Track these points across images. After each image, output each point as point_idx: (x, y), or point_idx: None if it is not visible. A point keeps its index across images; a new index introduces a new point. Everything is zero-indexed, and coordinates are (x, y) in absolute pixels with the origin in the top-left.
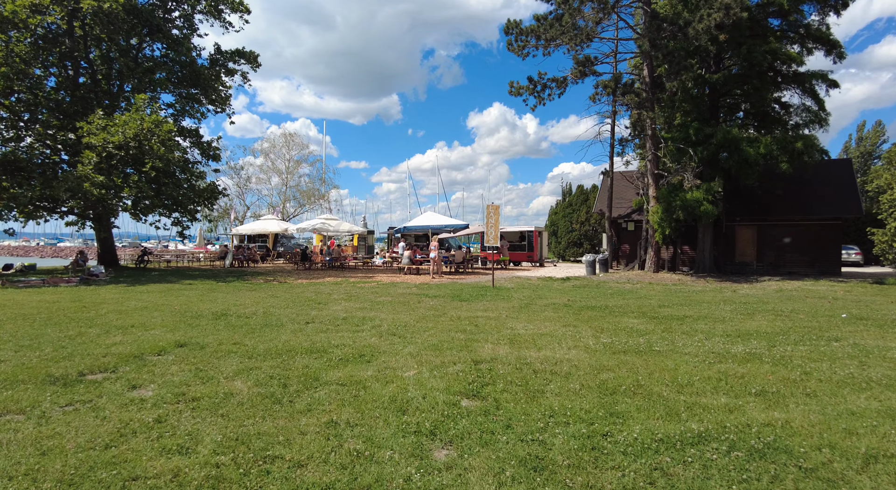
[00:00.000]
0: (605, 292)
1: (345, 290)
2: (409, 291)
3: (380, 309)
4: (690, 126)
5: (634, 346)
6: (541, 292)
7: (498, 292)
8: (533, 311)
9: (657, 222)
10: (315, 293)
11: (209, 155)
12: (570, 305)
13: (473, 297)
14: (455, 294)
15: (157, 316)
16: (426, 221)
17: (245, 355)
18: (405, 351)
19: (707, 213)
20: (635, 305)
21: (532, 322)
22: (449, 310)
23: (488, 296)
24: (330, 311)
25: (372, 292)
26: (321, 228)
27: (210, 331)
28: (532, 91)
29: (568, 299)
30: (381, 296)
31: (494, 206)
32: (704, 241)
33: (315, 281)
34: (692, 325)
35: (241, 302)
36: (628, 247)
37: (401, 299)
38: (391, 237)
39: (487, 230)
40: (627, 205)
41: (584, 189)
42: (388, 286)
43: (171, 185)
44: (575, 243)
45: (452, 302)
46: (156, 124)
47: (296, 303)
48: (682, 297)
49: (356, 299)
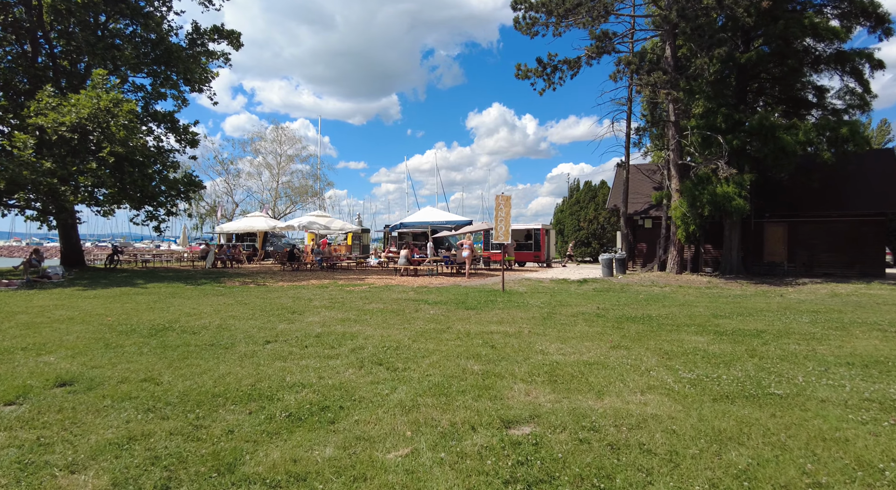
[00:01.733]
0: (635, 298)
1: (329, 295)
2: (405, 296)
3: (367, 321)
4: (718, 112)
5: (734, 384)
6: (560, 297)
7: (510, 298)
8: (562, 325)
9: (680, 218)
10: (293, 299)
11: (185, 140)
12: (604, 315)
13: (482, 305)
14: (459, 300)
15: (75, 332)
16: (425, 217)
17: (144, 406)
18: (393, 398)
19: (738, 209)
20: (683, 315)
21: (567, 341)
22: (454, 322)
23: (499, 302)
24: (303, 324)
25: (361, 298)
26: (311, 226)
27: (127, 356)
28: (541, 74)
29: (597, 307)
30: (371, 302)
31: (505, 196)
32: (731, 240)
33: (298, 283)
34: (781, 345)
35: (199, 310)
36: (645, 245)
37: (394, 307)
38: (387, 236)
39: (497, 224)
40: (644, 200)
41: (592, 185)
42: (381, 290)
43: (138, 175)
44: (583, 242)
45: (457, 310)
46: (114, 103)
47: (265, 312)
48: (729, 305)
49: (340, 307)
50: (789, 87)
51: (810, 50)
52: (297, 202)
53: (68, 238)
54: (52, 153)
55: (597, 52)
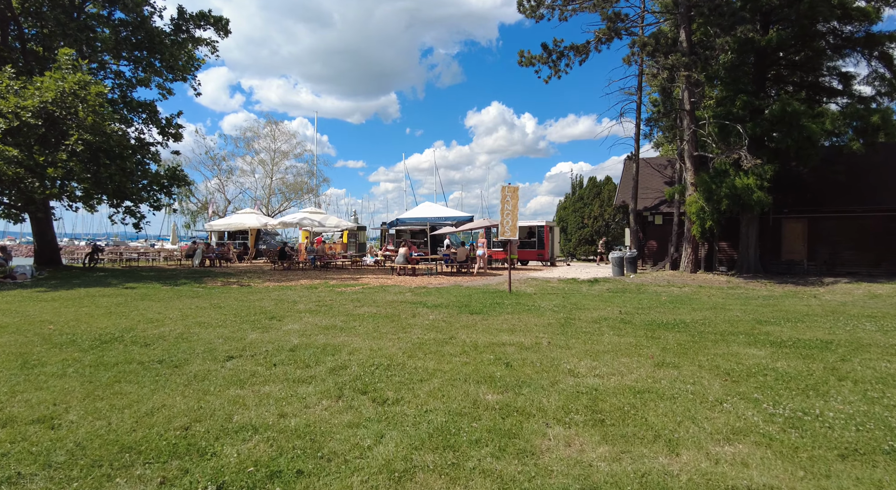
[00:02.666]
0: (656, 299)
1: (317, 298)
2: (402, 298)
3: (355, 329)
4: (737, 99)
5: (853, 428)
6: (574, 299)
7: (518, 300)
8: (585, 333)
9: (696, 214)
10: (275, 302)
11: (168, 133)
12: (630, 321)
13: (488, 308)
14: (462, 302)
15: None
16: (424, 213)
17: (6, 472)
18: (378, 454)
19: (759, 203)
20: (721, 321)
21: (598, 356)
22: (458, 330)
23: (507, 305)
24: (278, 334)
25: (352, 300)
26: (303, 222)
27: (41, 380)
28: (546, 60)
29: (619, 311)
30: (362, 305)
31: (512, 187)
32: (749, 237)
33: (286, 284)
34: (867, 363)
35: (163, 316)
36: (656, 243)
37: (388, 311)
38: (384, 233)
39: (503, 219)
40: (655, 195)
41: (596, 181)
42: (376, 291)
43: (115, 168)
44: (587, 240)
45: (460, 315)
46: (80, 85)
47: (238, 317)
48: (765, 307)
49: (327, 311)
50: (812, 73)
51: (836, 32)
52: (292, 199)
53: (42, 235)
54: (18, 142)
55: (609, 35)
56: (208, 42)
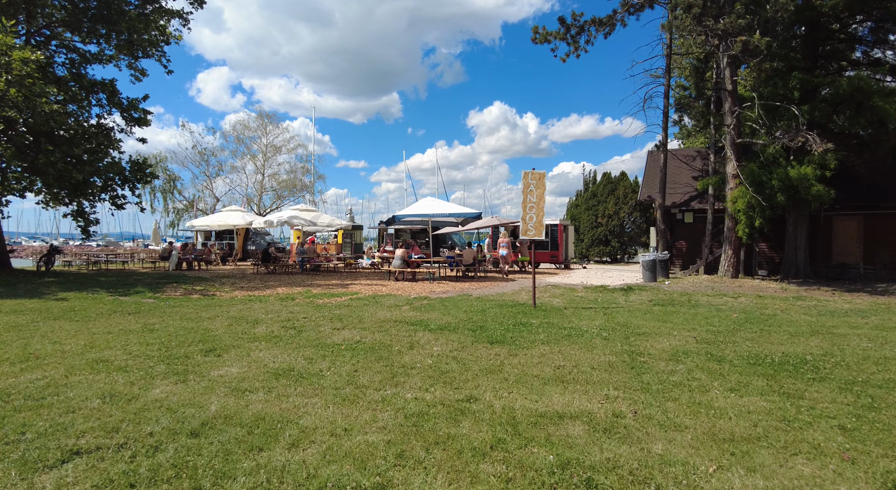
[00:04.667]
0: (725, 317)
1: (288, 314)
2: (397, 315)
3: (320, 377)
4: (791, 77)
5: None
6: (620, 317)
7: (548, 318)
8: (676, 386)
9: (742, 210)
10: (231, 321)
11: (132, 118)
12: (722, 357)
13: (512, 332)
14: (476, 321)
15: None
16: (425, 209)
17: None
18: None
19: (818, 197)
20: (854, 356)
21: (739, 452)
22: (478, 379)
23: (536, 327)
24: (200, 387)
25: (333, 318)
26: (292, 221)
27: None
28: (563, 36)
29: (695, 338)
30: (343, 327)
31: (537, 173)
32: (797, 237)
33: (259, 293)
34: None
35: (59, 347)
36: (685, 244)
37: (376, 339)
38: (382, 233)
39: (525, 213)
40: (684, 190)
41: (610, 177)
42: (366, 303)
43: (58, 155)
44: (601, 240)
45: (476, 346)
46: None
47: (163, 349)
48: (888, 330)
49: (292, 339)
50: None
51: None
52: (285, 197)
53: None
54: None
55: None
56: (180, 14)
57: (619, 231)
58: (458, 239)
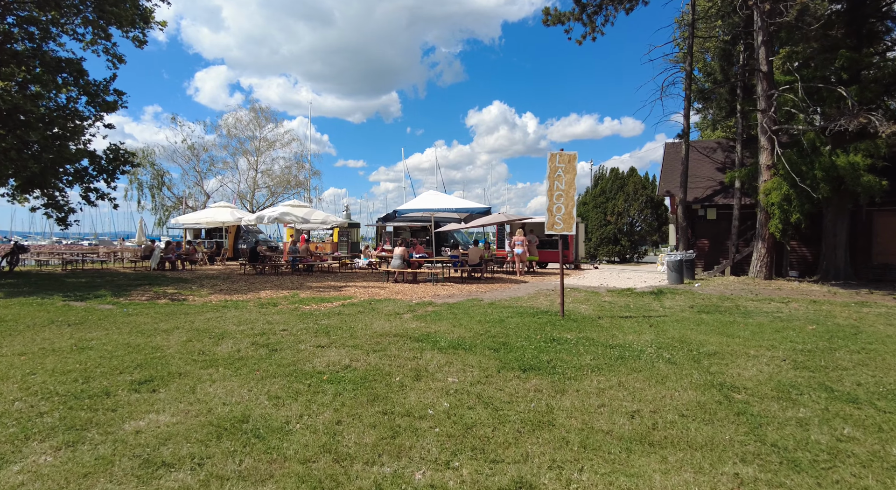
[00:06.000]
0: (794, 329)
1: (265, 325)
2: (397, 326)
3: (291, 428)
4: (838, 55)
5: None
6: (672, 331)
7: (584, 331)
8: (824, 452)
9: (777, 203)
10: (192, 334)
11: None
12: (854, 397)
13: (546, 353)
14: (495, 336)
15: None
16: (426, 204)
17: None
18: None
19: (868, 189)
20: None
21: None
22: (523, 440)
23: (574, 345)
24: (94, 456)
25: (319, 330)
26: (284, 217)
27: None
28: (579, 16)
29: (783, 358)
30: (330, 344)
31: (567, 154)
32: (836, 234)
33: (239, 297)
34: None
35: None
36: (708, 242)
37: (370, 363)
38: (380, 231)
39: (551, 202)
40: (705, 184)
41: (620, 173)
42: (360, 310)
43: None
44: (610, 239)
45: (505, 374)
46: None
47: (80, 381)
48: None
49: (263, 361)
50: None
51: None
52: (279, 194)
53: None
54: None
55: None
56: None
57: (628, 229)
58: (461, 237)
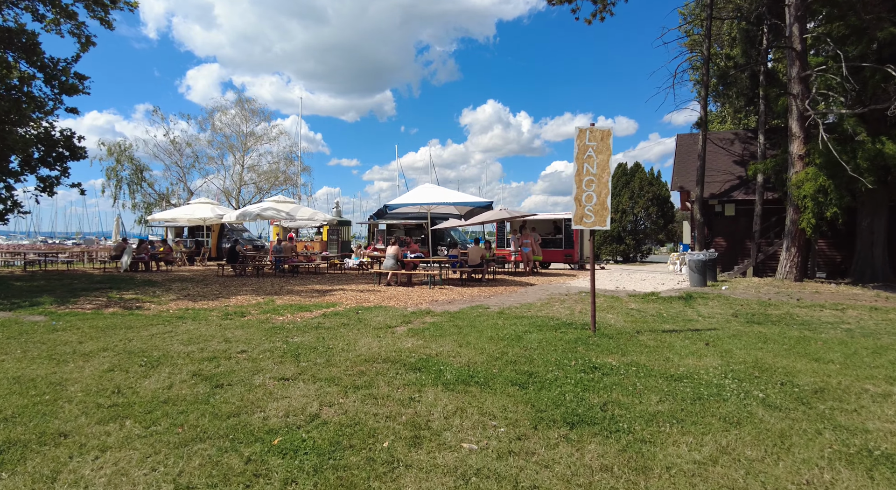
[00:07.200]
0: (875, 342)
1: (222, 342)
2: (388, 347)
3: None
4: (884, 30)
5: None
6: (735, 350)
7: (626, 353)
8: None
9: (811, 196)
10: (122, 358)
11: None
12: None
13: (593, 392)
14: (516, 362)
15: None
16: (421, 197)
17: None
18: None
19: None
20: None
21: None
22: None
23: (624, 376)
24: None
25: (287, 352)
26: (266, 214)
27: None
28: None
29: None
30: (299, 374)
31: (599, 130)
32: (873, 231)
33: (205, 305)
34: None
35: None
36: (725, 241)
37: (350, 410)
38: (372, 229)
39: (582, 189)
40: (722, 178)
41: (625, 168)
42: (345, 322)
43: None
44: (614, 238)
45: (545, 436)
46: None
47: None
48: None
49: (197, 406)
50: None
51: None
52: (266, 190)
53: None
54: None
55: None
56: None
57: (633, 228)
58: (459, 235)
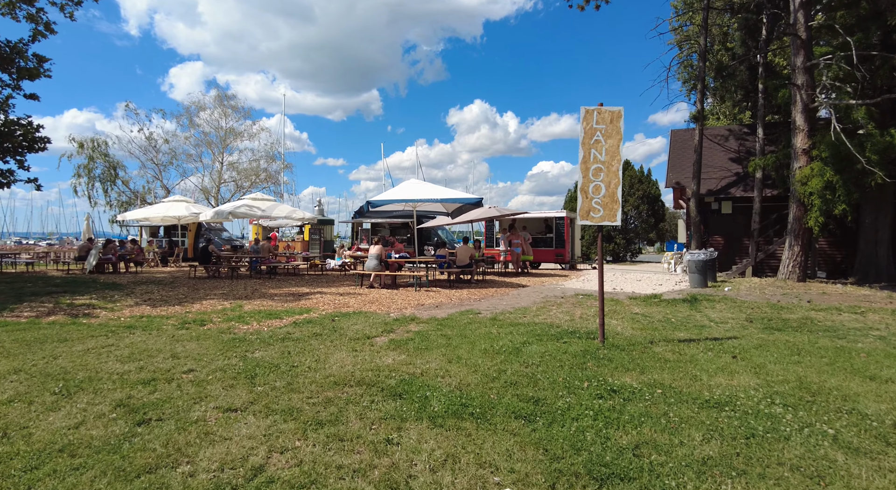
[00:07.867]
0: None
1: (167, 359)
2: (365, 365)
3: None
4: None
5: None
6: (771, 366)
7: (645, 370)
8: None
9: (818, 193)
10: (33, 384)
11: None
12: None
13: (618, 427)
14: (516, 383)
15: None
16: (407, 193)
17: None
18: None
19: None
20: None
21: None
22: None
23: (650, 403)
24: None
25: (242, 372)
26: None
27: None
28: None
29: None
30: (251, 403)
31: (608, 111)
32: (877, 229)
33: (164, 310)
34: None
35: None
36: (721, 239)
37: (306, 456)
38: (356, 228)
39: (589, 178)
40: (718, 175)
41: None
42: (318, 332)
43: None
44: (603, 237)
45: None
46: None
47: None
48: None
49: (102, 458)
50: None
51: None
52: (246, 188)
53: None
54: None
55: None
56: None
57: (623, 226)
58: (446, 235)
